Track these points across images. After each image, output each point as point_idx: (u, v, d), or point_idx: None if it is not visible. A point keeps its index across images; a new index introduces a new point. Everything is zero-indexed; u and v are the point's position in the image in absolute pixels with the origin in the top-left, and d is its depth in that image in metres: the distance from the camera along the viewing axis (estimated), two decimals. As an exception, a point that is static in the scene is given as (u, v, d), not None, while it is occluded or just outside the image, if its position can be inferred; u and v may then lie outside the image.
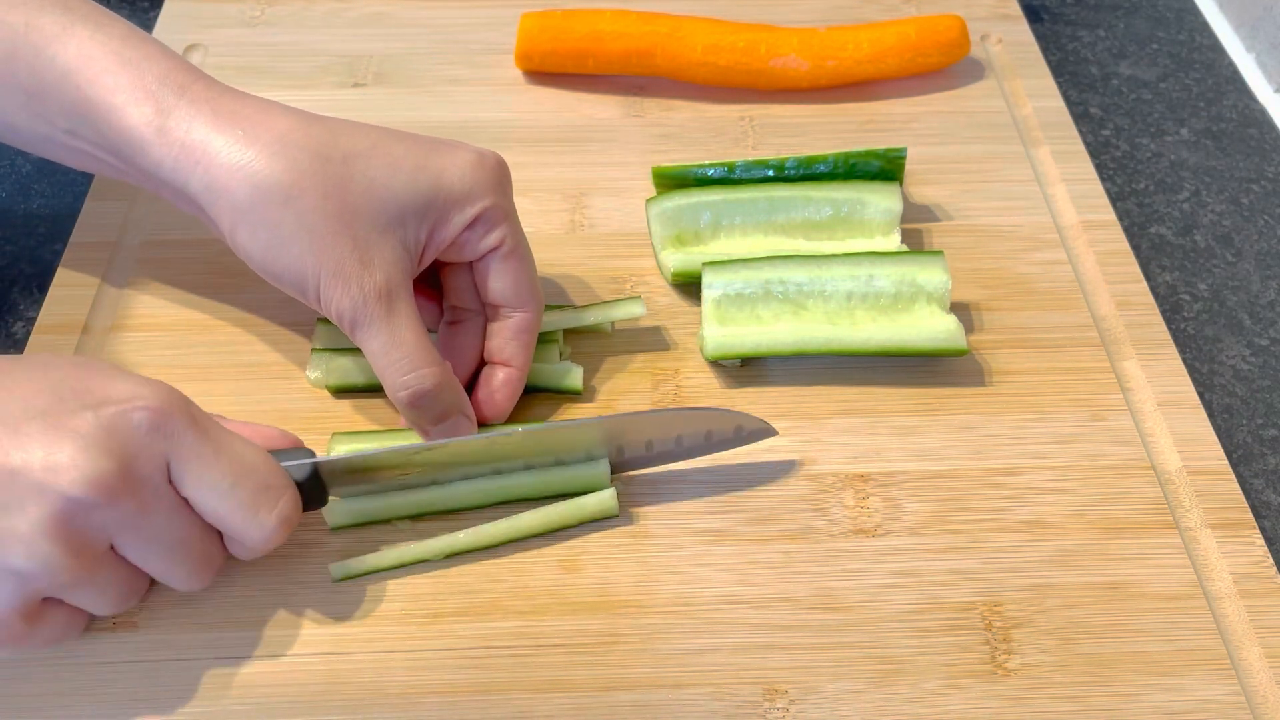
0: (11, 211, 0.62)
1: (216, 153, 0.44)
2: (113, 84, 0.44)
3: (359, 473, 0.45)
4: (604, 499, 0.47)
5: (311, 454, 0.44)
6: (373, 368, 0.46)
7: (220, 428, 0.41)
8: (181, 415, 0.39)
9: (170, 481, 0.39)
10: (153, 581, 0.42)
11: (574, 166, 0.62)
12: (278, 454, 0.43)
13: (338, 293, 0.44)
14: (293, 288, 0.45)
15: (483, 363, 0.50)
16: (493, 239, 0.47)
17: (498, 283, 0.48)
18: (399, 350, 0.45)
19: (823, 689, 0.42)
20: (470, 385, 0.50)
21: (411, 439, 0.48)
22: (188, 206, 0.47)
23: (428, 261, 0.47)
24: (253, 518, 0.40)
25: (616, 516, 0.47)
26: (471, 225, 0.47)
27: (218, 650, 0.43)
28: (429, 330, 0.47)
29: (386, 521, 0.47)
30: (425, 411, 0.46)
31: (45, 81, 0.45)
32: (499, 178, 0.48)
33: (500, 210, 0.47)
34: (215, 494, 0.39)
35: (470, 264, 0.49)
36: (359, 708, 0.42)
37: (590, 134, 0.64)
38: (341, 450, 0.48)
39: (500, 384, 0.49)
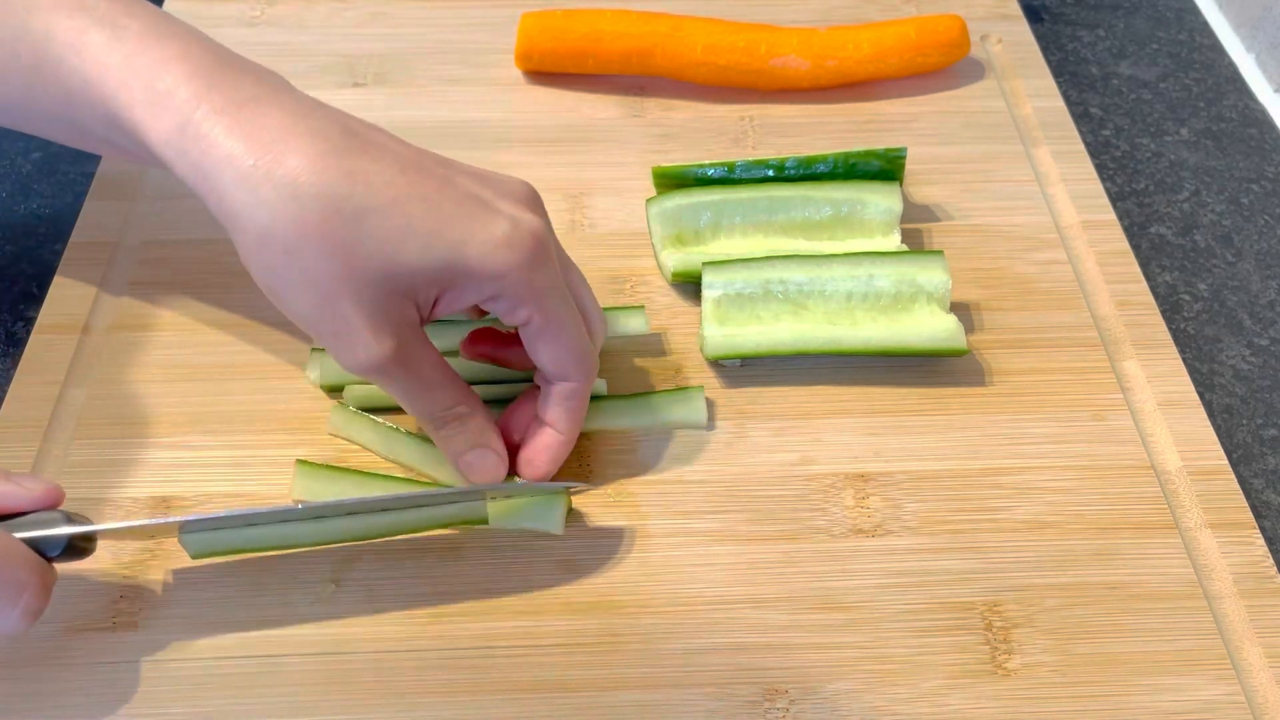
0: (11, 211, 0.62)
1: (226, 187, 0.41)
2: (128, 99, 0.43)
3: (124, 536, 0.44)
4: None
5: (66, 518, 0.41)
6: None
7: None
8: None
9: None
10: None
11: (574, 166, 0.62)
12: (32, 520, 0.41)
13: (345, 355, 0.42)
14: (301, 329, 0.44)
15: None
16: (518, 317, 0.44)
17: (536, 355, 0.46)
18: (422, 393, 0.44)
19: (823, 689, 0.42)
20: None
21: (368, 485, 0.47)
22: None
23: (440, 316, 0.45)
24: None
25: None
26: (489, 302, 0.44)
27: (218, 650, 0.43)
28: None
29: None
30: (454, 441, 0.46)
31: (72, 91, 0.44)
32: (531, 252, 0.43)
33: (525, 287, 0.43)
34: None
35: None
36: (359, 708, 0.42)
37: (590, 134, 0.64)
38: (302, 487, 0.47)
39: (543, 447, 0.47)
